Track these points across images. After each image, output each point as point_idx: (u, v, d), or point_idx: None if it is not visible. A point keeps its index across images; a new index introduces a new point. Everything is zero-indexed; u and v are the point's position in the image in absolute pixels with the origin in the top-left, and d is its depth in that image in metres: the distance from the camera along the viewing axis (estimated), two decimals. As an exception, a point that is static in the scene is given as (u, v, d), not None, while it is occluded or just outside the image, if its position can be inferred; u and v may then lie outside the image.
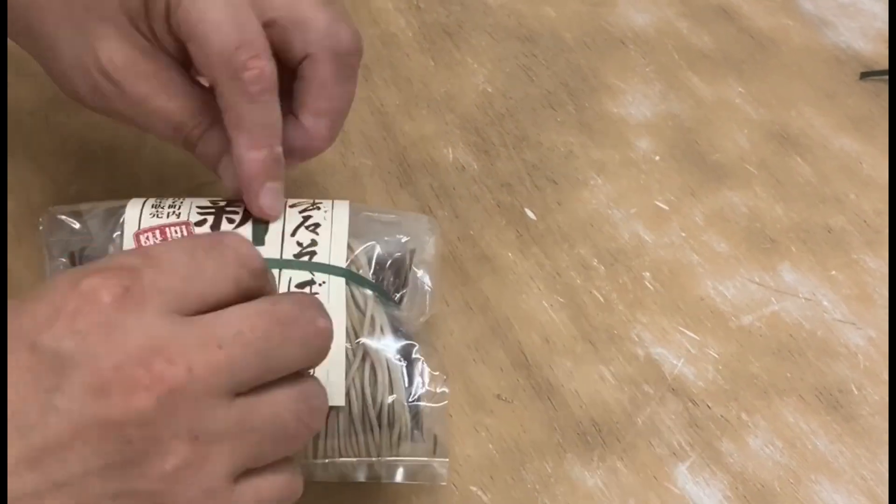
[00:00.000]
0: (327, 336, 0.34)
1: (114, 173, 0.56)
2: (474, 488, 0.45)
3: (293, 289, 0.42)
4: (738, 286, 0.54)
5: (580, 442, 0.47)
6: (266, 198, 0.43)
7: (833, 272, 0.54)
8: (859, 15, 0.69)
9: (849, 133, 0.61)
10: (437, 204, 0.56)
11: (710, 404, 0.49)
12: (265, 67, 0.42)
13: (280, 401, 0.33)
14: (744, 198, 0.57)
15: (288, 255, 0.43)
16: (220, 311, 0.32)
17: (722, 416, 0.48)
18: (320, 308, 0.34)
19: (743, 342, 0.51)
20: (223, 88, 0.42)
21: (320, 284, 0.43)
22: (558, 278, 0.53)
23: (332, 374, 0.41)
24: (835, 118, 0.62)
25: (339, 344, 0.41)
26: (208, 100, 0.44)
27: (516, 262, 0.54)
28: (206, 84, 0.45)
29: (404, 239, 0.46)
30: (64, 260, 0.45)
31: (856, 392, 0.50)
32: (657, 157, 0.59)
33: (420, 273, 0.45)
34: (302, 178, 0.57)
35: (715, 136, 0.61)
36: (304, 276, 0.43)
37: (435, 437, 0.42)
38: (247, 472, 0.33)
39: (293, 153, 0.45)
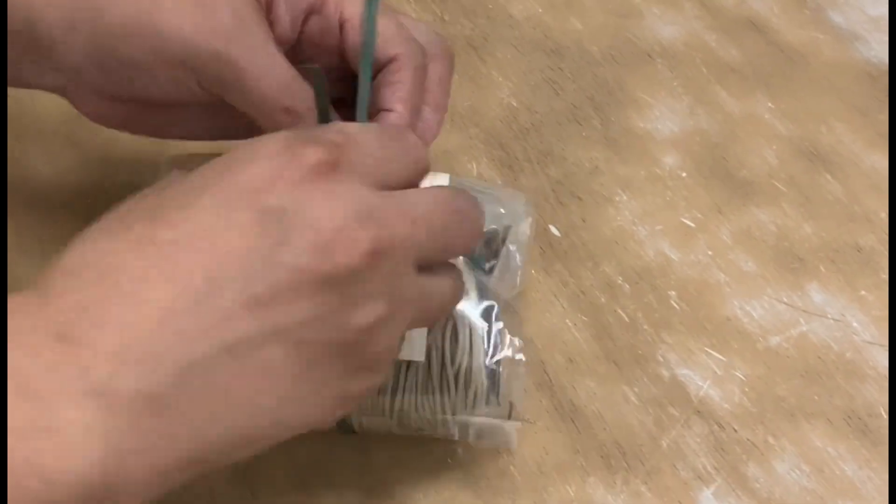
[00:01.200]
0: (482, 233, 0.39)
1: (136, 188, 0.56)
2: (495, 511, 0.45)
3: None
4: (766, 306, 0.53)
5: (603, 465, 0.47)
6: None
7: (863, 292, 0.53)
8: (891, 28, 0.68)
9: (880, 150, 0.60)
10: (460, 220, 0.56)
11: (736, 427, 0.48)
12: None
13: (446, 283, 0.38)
14: (772, 216, 0.57)
15: None
16: (406, 191, 0.36)
17: (748, 439, 0.48)
18: (480, 208, 0.38)
19: (770, 364, 0.50)
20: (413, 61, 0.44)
21: None
22: (582, 297, 0.53)
23: (414, 330, 0.42)
24: (866, 134, 0.61)
25: None
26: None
27: (540, 279, 0.53)
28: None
29: (502, 211, 0.47)
30: None
31: (885, 416, 0.49)
32: (684, 174, 0.59)
33: (513, 249, 0.46)
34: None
35: (743, 152, 0.60)
36: None
37: (511, 404, 0.43)
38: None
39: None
